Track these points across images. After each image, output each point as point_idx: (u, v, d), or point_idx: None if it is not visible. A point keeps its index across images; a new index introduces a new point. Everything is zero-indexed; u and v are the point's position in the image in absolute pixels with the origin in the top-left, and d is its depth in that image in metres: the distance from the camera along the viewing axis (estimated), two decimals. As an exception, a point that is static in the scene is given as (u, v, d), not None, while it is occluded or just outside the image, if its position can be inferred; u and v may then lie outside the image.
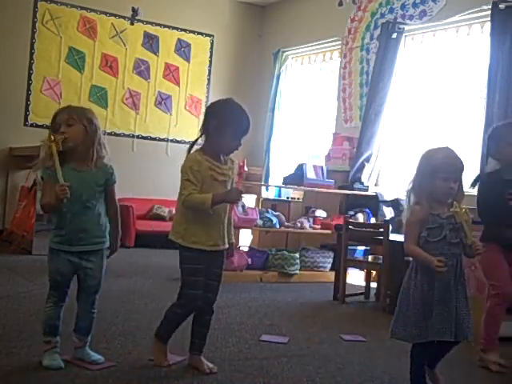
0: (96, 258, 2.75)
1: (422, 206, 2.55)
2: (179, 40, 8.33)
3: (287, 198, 7.18)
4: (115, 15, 7.87)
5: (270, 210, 6.02)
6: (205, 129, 2.74)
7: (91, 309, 2.79)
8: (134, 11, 7.82)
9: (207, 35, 8.54)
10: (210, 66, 8.59)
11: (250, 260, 5.67)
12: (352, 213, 6.06)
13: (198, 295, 2.75)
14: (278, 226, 5.87)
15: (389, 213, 6.21)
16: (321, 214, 6.32)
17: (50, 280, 2.72)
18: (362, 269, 5.57)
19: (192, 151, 2.77)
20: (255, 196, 7.42)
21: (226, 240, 2.82)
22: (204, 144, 2.76)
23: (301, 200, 6.83)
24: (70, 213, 2.66)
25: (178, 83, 8.32)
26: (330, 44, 7.76)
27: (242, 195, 2.73)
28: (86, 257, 2.73)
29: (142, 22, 8.03)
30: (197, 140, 2.81)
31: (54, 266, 2.70)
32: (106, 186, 2.76)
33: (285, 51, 8.35)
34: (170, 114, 8.29)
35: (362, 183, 6.51)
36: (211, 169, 2.70)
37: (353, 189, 6.38)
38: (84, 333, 2.79)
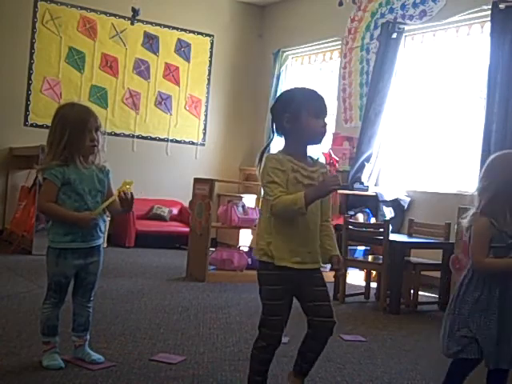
0: (98, 253, 2.79)
1: (491, 219, 2.22)
2: (179, 40, 8.33)
3: (287, 198, 7.17)
4: (115, 15, 7.87)
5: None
6: (279, 129, 2.37)
7: (87, 303, 2.80)
8: (134, 11, 7.81)
9: (207, 35, 8.54)
10: (209, 65, 8.58)
11: (249, 260, 5.67)
12: (352, 213, 6.06)
13: (281, 321, 2.37)
14: (278, 225, 5.85)
15: (389, 213, 6.22)
16: (321, 214, 6.30)
17: (52, 282, 2.71)
18: (361, 269, 5.57)
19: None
20: (255, 196, 7.43)
21: (319, 257, 2.38)
22: (284, 145, 2.38)
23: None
24: (83, 209, 2.68)
25: (178, 83, 8.32)
26: (330, 44, 7.76)
27: (338, 183, 2.25)
28: (92, 253, 2.75)
29: (142, 22, 8.02)
30: (268, 145, 2.43)
31: (60, 269, 2.69)
32: (106, 186, 2.81)
33: (285, 51, 8.35)
34: (170, 114, 8.29)
35: (362, 183, 6.51)
36: (295, 170, 2.30)
37: (353, 189, 6.38)
38: (82, 329, 2.79)
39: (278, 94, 2.51)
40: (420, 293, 4.94)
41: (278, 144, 2.47)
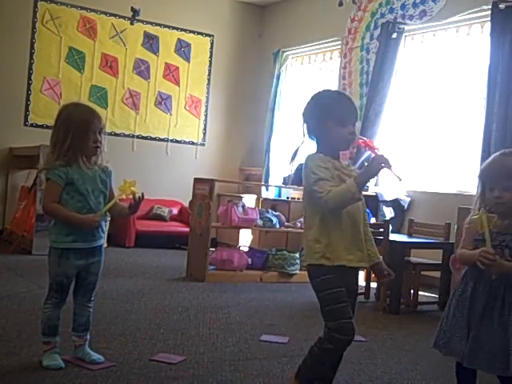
0: (99, 253, 2.79)
1: (487, 213, 2.24)
2: (179, 40, 8.33)
3: (287, 197, 7.18)
4: (115, 15, 7.87)
5: (270, 210, 6.03)
6: (310, 135, 2.36)
7: (88, 303, 2.80)
8: (134, 11, 7.81)
9: (207, 35, 8.54)
10: (210, 66, 8.59)
11: (249, 260, 5.67)
12: (352, 213, 6.05)
13: (352, 323, 2.32)
14: (278, 225, 5.87)
15: (389, 213, 6.22)
16: (321, 213, 6.30)
17: (53, 282, 2.71)
18: (361, 269, 5.56)
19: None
20: (255, 196, 7.43)
21: (366, 256, 2.36)
22: (317, 148, 2.36)
23: (301, 200, 6.83)
24: (86, 209, 2.68)
25: (178, 83, 8.32)
26: (330, 44, 7.76)
27: (387, 160, 2.19)
28: (93, 253, 2.75)
29: (142, 22, 8.02)
30: (297, 151, 2.43)
31: (62, 269, 2.68)
32: (108, 187, 2.81)
33: (285, 51, 8.35)
34: (170, 114, 8.29)
35: (361, 183, 6.50)
36: (337, 168, 2.29)
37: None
38: (83, 329, 2.79)
39: (310, 97, 2.40)
40: (420, 293, 4.94)
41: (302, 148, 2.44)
